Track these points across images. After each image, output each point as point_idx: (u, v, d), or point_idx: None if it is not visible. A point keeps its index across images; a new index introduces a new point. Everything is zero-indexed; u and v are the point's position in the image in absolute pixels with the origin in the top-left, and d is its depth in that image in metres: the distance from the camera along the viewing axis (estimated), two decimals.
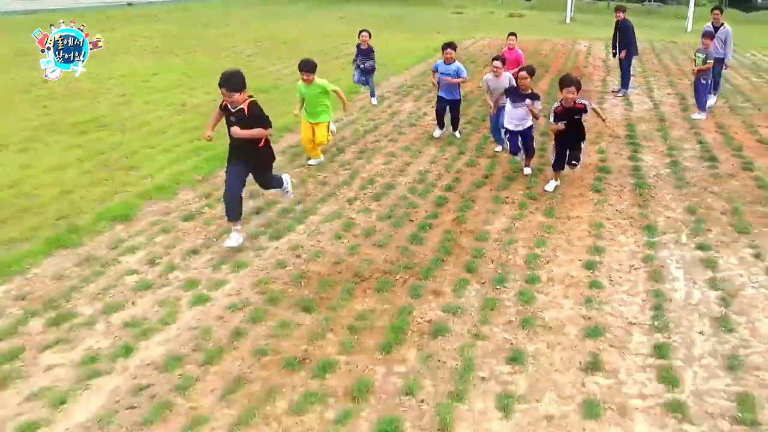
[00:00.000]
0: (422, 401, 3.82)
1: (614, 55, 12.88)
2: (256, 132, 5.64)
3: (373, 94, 11.82)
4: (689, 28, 25.46)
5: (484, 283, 5.23)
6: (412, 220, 6.51)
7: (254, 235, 6.13)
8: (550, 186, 7.35)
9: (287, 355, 4.24)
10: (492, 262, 5.59)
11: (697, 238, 6.07)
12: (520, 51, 10.18)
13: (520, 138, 7.65)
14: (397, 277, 5.30)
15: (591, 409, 3.74)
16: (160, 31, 21.62)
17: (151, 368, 4.12)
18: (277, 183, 6.42)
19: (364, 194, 7.26)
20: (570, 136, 7.07)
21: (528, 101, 7.35)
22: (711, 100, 11.26)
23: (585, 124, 7.25)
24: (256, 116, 5.63)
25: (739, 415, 3.70)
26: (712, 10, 11.98)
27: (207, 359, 4.19)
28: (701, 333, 4.54)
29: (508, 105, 7.66)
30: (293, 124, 9.39)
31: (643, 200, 7.06)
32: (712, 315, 4.76)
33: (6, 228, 6.20)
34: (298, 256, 5.70)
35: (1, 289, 5.09)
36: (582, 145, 7.31)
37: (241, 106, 5.60)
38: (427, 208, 6.82)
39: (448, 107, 9.34)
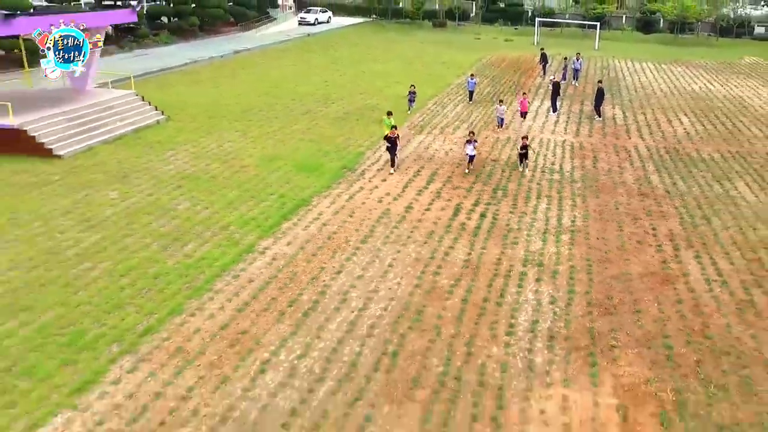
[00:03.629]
0: None
1: (539, 62, 38.07)
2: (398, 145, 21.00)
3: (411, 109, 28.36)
4: (596, 47, 50.50)
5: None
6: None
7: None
8: (524, 169, 20.71)
9: None
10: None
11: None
12: (527, 102, 27.70)
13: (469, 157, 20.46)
14: None
15: None
16: (353, 52, 46.48)
17: None
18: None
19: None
20: (524, 152, 20.64)
21: (473, 143, 20.40)
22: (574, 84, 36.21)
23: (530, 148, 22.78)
24: (398, 137, 20.75)
25: None
26: (576, 54, 36.78)
27: None
28: None
29: (467, 145, 20.42)
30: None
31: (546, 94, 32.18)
32: None
33: None
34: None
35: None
36: (527, 158, 20.90)
37: (395, 136, 20.08)
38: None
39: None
